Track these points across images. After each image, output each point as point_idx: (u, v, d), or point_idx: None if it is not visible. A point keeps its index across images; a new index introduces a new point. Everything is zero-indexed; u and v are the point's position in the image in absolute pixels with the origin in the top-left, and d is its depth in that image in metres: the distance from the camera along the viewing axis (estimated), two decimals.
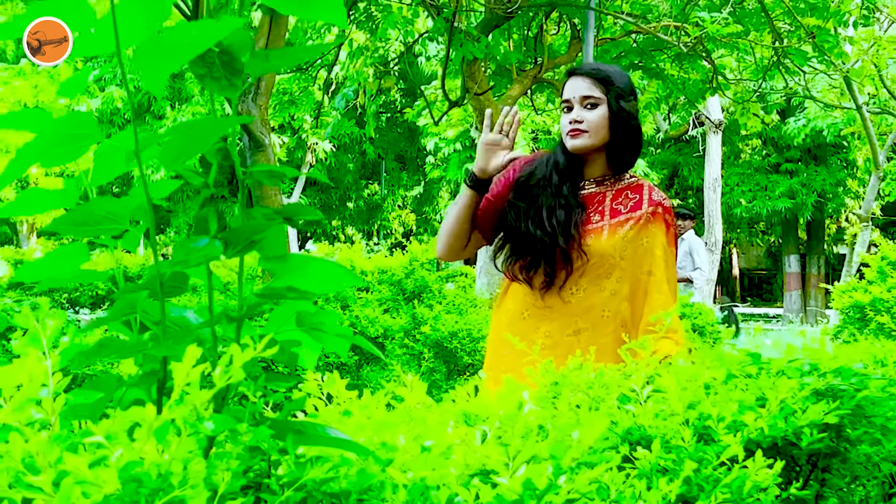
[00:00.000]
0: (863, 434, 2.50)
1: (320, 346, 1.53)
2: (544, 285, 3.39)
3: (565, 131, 3.42)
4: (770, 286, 43.71)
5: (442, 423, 1.71)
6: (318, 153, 27.19)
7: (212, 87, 1.36)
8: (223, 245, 1.34)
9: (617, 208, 3.46)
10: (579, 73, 3.44)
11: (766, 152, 28.71)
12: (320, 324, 1.41)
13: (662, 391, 2.22)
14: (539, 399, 2.16)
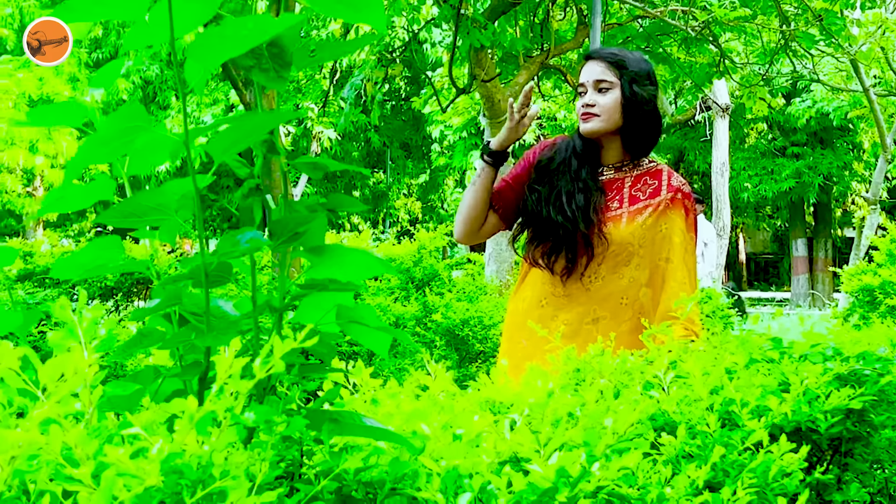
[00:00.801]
0: (886, 419, 2.50)
1: (391, 335, 1.54)
2: (565, 271, 3.39)
3: (579, 114, 3.44)
4: (777, 270, 43.69)
5: (468, 411, 1.71)
6: (323, 142, 27.17)
7: (260, 79, 1.36)
8: (267, 235, 1.34)
9: (636, 195, 3.46)
10: (595, 56, 3.46)
11: (772, 136, 28.64)
12: (360, 317, 1.40)
13: (685, 377, 2.22)
14: (562, 387, 2.16)
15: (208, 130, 1.33)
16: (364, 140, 31.49)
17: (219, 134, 1.30)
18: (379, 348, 1.50)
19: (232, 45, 1.26)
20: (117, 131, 1.33)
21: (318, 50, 1.42)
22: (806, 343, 2.57)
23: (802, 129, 26.41)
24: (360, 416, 1.35)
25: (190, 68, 1.29)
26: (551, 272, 3.42)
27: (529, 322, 3.03)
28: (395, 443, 1.37)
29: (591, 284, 3.39)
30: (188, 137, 1.30)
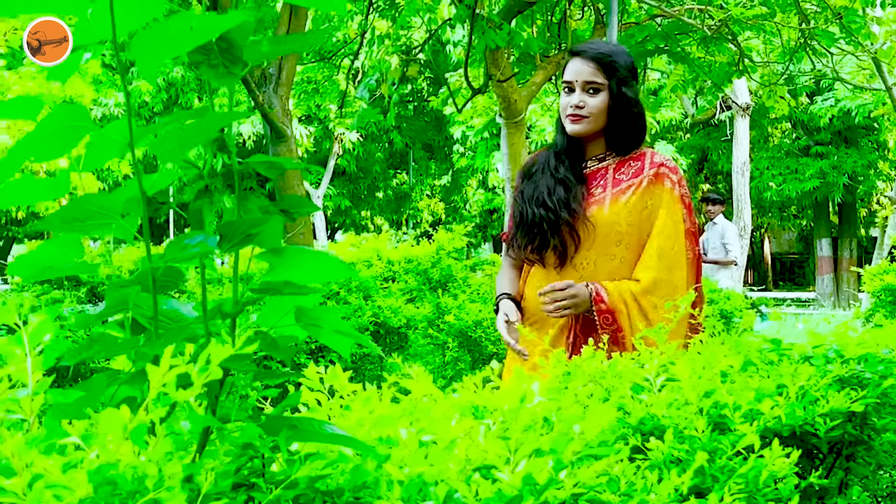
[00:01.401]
0: (889, 422, 2.45)
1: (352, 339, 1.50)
2: (557, 263, 3.44)
3: (565, 113, 3.45)
4: (802, 270, 43.47)
5: (447, 416, 1.68)
6: (345, 143, 27.18)
7: (209, 76, 1.33)
8: (218, 239, 1.30)
9: (619, 178, 3.50)
10: (584, 55, 3.45)
11: (795, 135, 28.46)
12: (319, 320, 1.37)
13: (676, 380, 2.17)
14: (550, 390, 2.11)
15: (157, 130, 1.30)
16: (387, 141, 31.50)
17: (166, 134, 1.27)
18: (342, 350, 1.46)
19: (179, 41, 1.23)
20: (56, 130, 1.30)
21: (278, 43, 1.39)
22: (808, 345, 2.53)
23: (826, 128, 26.22)
24: (321, 423, 1.31)
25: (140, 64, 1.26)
26: (543, 265, 3.48)
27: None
28: (357, 449, 1.33)
29: (584, 270, 3.43)
30: (132, 138, 1.26)
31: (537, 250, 3.45)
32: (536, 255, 3.46)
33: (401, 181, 36.28)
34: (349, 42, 11.17)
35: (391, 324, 6.28)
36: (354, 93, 11.02)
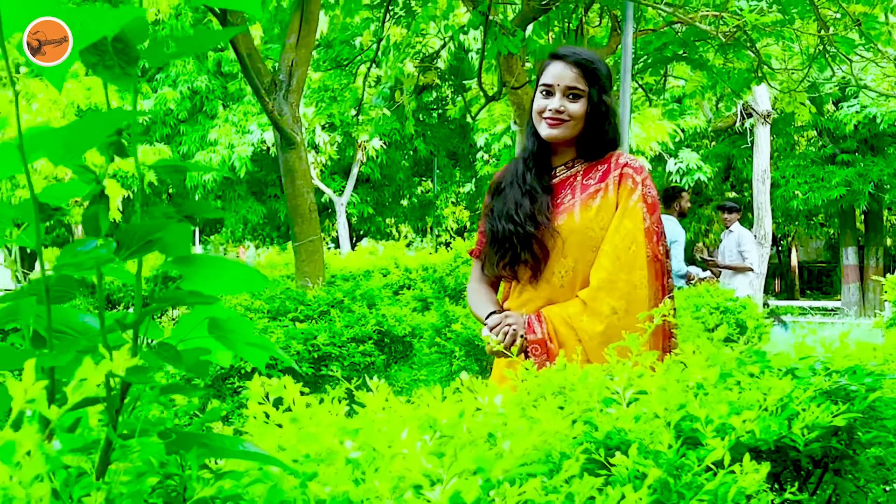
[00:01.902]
0: (874, 437, 2.39)
1: (266, 352, 1.45)
2: (531, 277, 3.40)
3: (542, 116, 3.40)
4: (830, 279, 43.16)
5: (396, 430, 1.62)
6: (368, 151, 27.18)
7: (104, 77, 1.28)
8: (115, 246, 1.25)
9: (587, 183, 3.45)
10: (568, 60, 3.40)
11: (821, 143, 28.25)
12: (232, 331, 1.31)
13: (646, 393, 2.12)
14: (514, 403, 2.06)
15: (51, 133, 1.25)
16: (411, 149, 31.46)
17: (56, 135, 1.22)
18: (258, 364, 1.41)
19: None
20: None
21: (177, 45, 1.34)
22: (794, 356, 2.48)
23: (852, 136, 26.01)
24: (236, 440, 1.26)
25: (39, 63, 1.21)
26: (518, 281, 3.44)
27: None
28: (276, 466, 1.28)
29: (562, 279, 3.39)
30: (23, 143, 1.21)
31: (509, 266, 3.42)
32: (509, 270, 3.43)
33: (425, 189, 36.24)
34: (365, 49, 11.15)
35: (396, 332, 6.25)
36: (370, 100, 10.99)
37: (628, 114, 8.64)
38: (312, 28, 8.36)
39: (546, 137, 3.40)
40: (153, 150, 24.79)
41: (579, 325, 3.31)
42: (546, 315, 3.32)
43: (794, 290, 41.96)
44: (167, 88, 26.76)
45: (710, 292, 8.73)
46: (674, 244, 11.18)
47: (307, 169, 8.26)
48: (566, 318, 3.32)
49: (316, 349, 5.73)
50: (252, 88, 8.16)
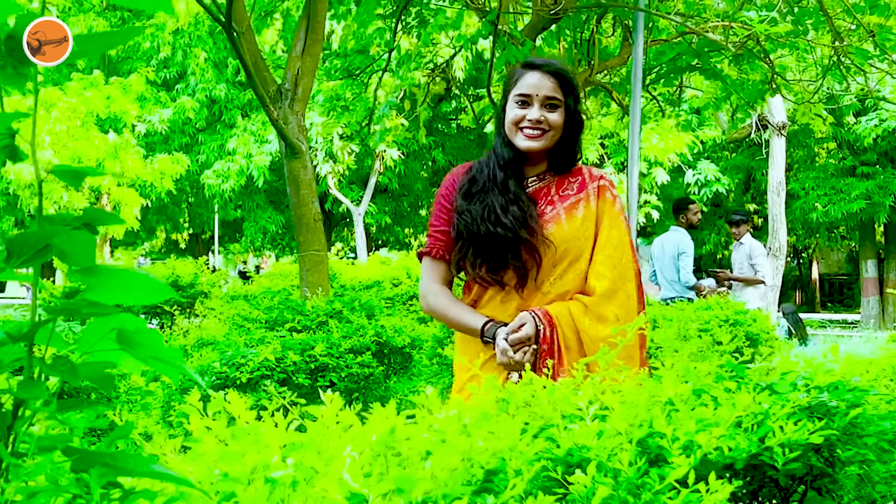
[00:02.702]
0: (854, 454, 2.33)
1: (177, 368, 1.39)
2: (518, 283, 3.34)
3: (520, 127, 3.37)
4: (851, 291, 42.94)
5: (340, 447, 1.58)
6: (386, 161, 27.14)
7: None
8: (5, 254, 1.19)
9: (566, 194, 3.44)
10: (545, 69, 3.38)
11: (841, 155, 28.07)
12: (139, 344, 1.26)
13: (610, 409, 2.07)
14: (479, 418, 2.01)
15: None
16: (430, 159, 31.41)
17: None
18: (171, 376, 1.36)
19: None
20: None
21: (81, 44, 1.29)
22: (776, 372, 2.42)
23: (872, 148, 25.83)
24: (143, 459, 1.21)
25: None
26: (502, 287, 3.35)
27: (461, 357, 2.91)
28: (183, 486, 1.23)
29: (551, 287, 3.36)
30: None
31: (494, 271, 3.33)
32: (493, 275, 3.34)
33: None
34: (377, 59, 11.13)
35: (395, 343, 6.20)
36: (378, 111, 10.96)
37: (638, 124, 8.57)
38: (318, 37, 8.33)
39: (524, 149, 3.37)
40: (171, 158, 24.83)
41: (583, 328, 3.32)
42: (557, 320, 3.29)
43: (814, 302, 41.76)
44: (186, 98, 26.81)
45: (719, 305, 8.64)
46: (682, 256, 11.11)
47: (312, 178, 8.23)
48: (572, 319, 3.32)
49: (313, 360, 5.68)
50: (257, 97, 8.13)
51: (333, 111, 12.91)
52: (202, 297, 11.80)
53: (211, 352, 5.79)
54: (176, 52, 26.85)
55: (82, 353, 1.24)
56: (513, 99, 3.38)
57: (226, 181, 26.73)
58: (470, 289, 3.46)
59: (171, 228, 33.35)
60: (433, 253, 3.46)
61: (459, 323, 3.41)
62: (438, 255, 3.44)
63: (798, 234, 31.84)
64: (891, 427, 2.40)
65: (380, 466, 1.39)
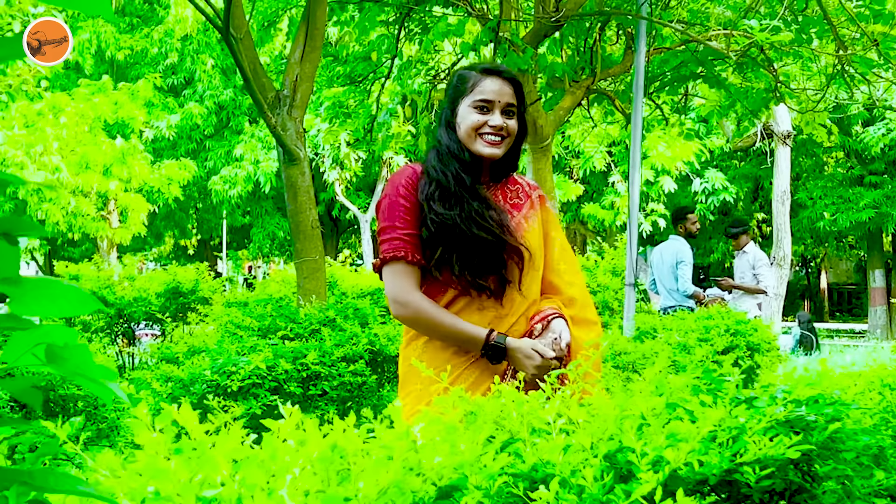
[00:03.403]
0: (832, 470, 2.29)
1: (108, 389, 1.35)
2: (498, 289, 3.30)
3: (480, 133, 3.33)
4: (859, 301, 42.87)
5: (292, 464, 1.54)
6: (393, 167, 27.14)
7: None
8: None
9: (516, 202, 3.45)
10: (504, 76, 3.38)
11: (850, 165, 28.01)
12: (66, 360, 1.22)
13: (576, 423, 2.03)
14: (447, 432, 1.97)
15: None
16: None
17: None
18: (103, 395, 1.32)
19: None
20: None
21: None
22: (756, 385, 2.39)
23: (881, 157, 25.78)
24: (68, 477, 1.18)
25: None
26: (485, 292, 3.29)
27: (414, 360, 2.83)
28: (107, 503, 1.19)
29: (526, 293, 3.35)
30: None
31: (479, 275, 3.26)
32: (479, 280, 3.27)
33: None
34: (379, 66, 11.10)
35: (388, 352, 6.15)
36: (378, 118, 10.94)
37: (640, 132, 8.53)
38: (317, 44, 8.31)
39: (487, 155, 3.32)
40: (179, 164, 24.87)
41: (576, 334, 3.36)
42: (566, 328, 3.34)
43: (823, 312, 41.67)
44: (193, 103, 26.86)
45: (720, 314, 8.59)
46: (681, 264, 11.08)
47: (310, 185, 8.20)
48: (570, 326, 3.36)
49: (305, 368, 5.65)
50: (255, 103, 8.11)
51: (336, 118, 12.90)
52: (203, 303, 11.79)
53: (202, 359, 5.75)
54: (184, 59, 26.91)
55: (5, 367, 1.20)
56: (471, 104, 3.33)
57: (233, 187, 26.79)
58: (442, 294, 3.32)
59: (179, 234, 33.37)
60: (407, 257, 3.28)
61: (454, 330, 3.25)
62: (413, 259, 3.28)
63: (806, 243, 31.78)
64: (871, 442, 2.36)
65: (319, 484, 1.36)
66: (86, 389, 1.24)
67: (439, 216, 3.26)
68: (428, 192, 3.30)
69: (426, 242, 3.29)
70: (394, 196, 3.33)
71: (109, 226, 24.09)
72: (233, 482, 1.43)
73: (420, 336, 3.36)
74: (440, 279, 3.30)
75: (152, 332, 13.87)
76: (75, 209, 22.10)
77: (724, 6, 10.77)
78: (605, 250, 14.47)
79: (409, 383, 3.38)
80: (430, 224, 3.26)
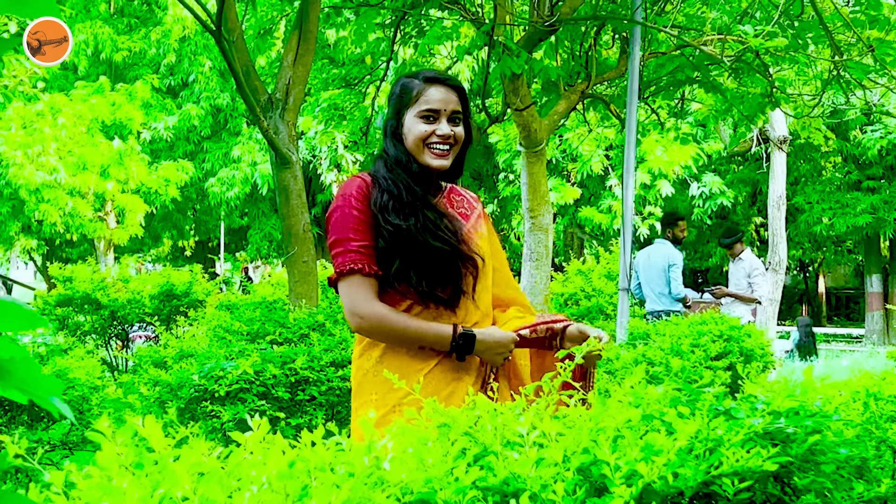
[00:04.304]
0: (811, 483, 2.27)
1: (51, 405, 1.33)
2: (453, 299, 3.30)
3: (427, 143, 3.31)
4: (857, 305, 42.85)
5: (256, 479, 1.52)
6: None
7: None
8: None
9: (462, 211, 3.45)
10: (450, 84, 3.37)
11: (847, 169, 28.00)
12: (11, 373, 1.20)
13: (548, 436, 2.01)
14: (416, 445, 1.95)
15: None
16: None
17: None
18: (50, 409, 1.30)
19: None
20: None
21: None
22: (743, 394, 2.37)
23: (878, 162, 25.77)
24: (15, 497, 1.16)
25: None
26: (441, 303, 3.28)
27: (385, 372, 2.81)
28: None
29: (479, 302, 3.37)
30: None
31: (436, 286, 3.26)
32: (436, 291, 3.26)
33: None
34: (374, 69, 11.10)
35: None
36: (374, 122, 10.94)
37: (633, 137, 8.52)
38: (310, 47, 8.30)
39: (436, 167, 3.32)
40: (176, 165, 24.87)
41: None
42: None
43: (820, 316, 41.66)
44: (191, 105, 26.84)
45: (714, 320, 8.57)
46: (672, 268, 11.09)
47: (302, 189, 8.18)
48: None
49: (293, 373, 5.62)
50: (247, 106, 8.09)
51: (331, 120, 12.89)
52: (197, 305, 11.78)
53: (190, 364, 5.74)
54: (182, 60, 26.89)
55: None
56: (416, 114, 3.31)
57: (230, 189, 26.78)
58: (397, 305, 3.29)
59: (176, 236, 33.35)
60: (364, 269, 3.25)
61: (420, 331, 3.24)
62: (370, 271, 3.25)
63: (804, 247, 31.74)
64: (852, 454, 2.35)
65: (279, 501, 1.34)
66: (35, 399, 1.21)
67: (394, 227, 3.23)
68: (381, 202, 3.27)
69: (381, 253, 3.26)
70: (346, 208, 3.29)
71: (107, 227, 24.08)
72: (194, 497, 1.41)
73: (375, 345, 3.33)
74: (397, 290, 3.28)
75: (146, 334, 13.88)
76: (73, 210, 22.08)
77: (719, 11, 10.76)
78: (602, 254, 14.48)
79: (363, 393, 3.33)
80: (385, 234, 3.23)
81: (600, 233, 24.97)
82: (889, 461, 2.68)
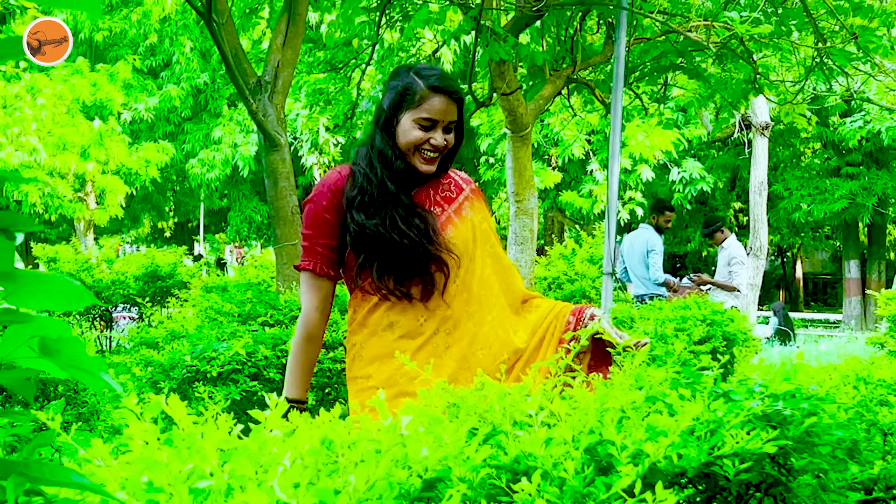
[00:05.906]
0: (807, 464, 2.32)
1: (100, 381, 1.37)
2: (424, 295, 3.32)
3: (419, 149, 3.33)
4: (835, 291, 43.13)
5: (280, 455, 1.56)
6: None
7: None
8: None
9: (448, 195, 3.46)
10: (451, 95, 3.38)
11: (826, 156, 28.14)
12: (60, 352, 1.24)
13: (557, 416, 2.06)
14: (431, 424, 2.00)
15: None
16: None
17: None
18: (93, 386, 1.34)
19: None
20: None
21: None
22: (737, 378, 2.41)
23: (857, 149, 25.89)
24: (62, 468, 1.20)
25: None
26: (409, 299, 3.31)
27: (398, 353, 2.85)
28: (102, 495, 1.22)
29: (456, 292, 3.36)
30: None
31: (400, 283, 3.29)
32: (400, 288, 3.29)
33: None
34: (360, 53, 11.10)
35: None
36: (360, 106, 10.94)
37: (619, 123, 8.55)
38: (300, 30, 8.31)
39: (424, 171, 3.35)
40: (156, 146, 24.82)
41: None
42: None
43: (798, 301, 41.88)
44: (171, 86, 26.74)
45: (697, 304, 8.63)
46: (651, 253, 11.16)
47: (291, 171, 8.20)
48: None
49: (285, 355, 5.64)
50: (236, 89, 8.10)
51: (317, 104, 12.88)
52: (182, 287, 11.78)
53: (182, 345, 5.76)
54: (163, 41, 26.79)
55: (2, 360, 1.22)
56: (415, 119, 3.32)
57: (211, 170, 26.73)
58: (365, 297, 3.35)
59: (156, 217, 33.28)
60: (316, 269, 3.35)
61: (290, 367, 3.42)
62: (322, 272, 3.34)
63: (783, 233, 31.91)
64: (845, 436, 2.39)
65: (310, 476, 1.38)
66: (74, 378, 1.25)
67: (359, 225, 3.28)
68: (350, 197, 3.33)
69: (351, 247, 3.33)
70: (318, 202, 3.35)
71: (87, 207, 24.03)
72: (222, 473, 1.45)
73: (367, 320, 3.37)
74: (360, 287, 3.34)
75: (130, 315, 13.87)
76: (52, 190, 22.02)
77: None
78: (583, 238, 14.54)
79: (354, 368, 3.39)
80: (351, 230, 3.29)
81: (581, 217, 25.03)
82: (879, 443, 2.73)
